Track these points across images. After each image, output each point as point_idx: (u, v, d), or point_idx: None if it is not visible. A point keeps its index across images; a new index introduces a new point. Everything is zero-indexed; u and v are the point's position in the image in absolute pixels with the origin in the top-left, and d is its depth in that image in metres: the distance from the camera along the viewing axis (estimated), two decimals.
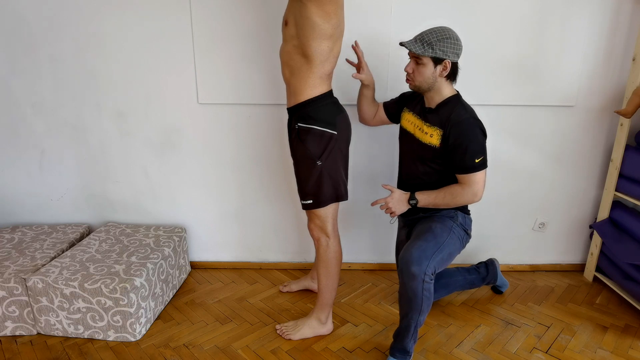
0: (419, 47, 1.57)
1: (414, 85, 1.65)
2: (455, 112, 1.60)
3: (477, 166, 1.58)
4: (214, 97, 2.14)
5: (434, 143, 1.64)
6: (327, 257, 1.77)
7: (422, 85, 1.63)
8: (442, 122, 1.62)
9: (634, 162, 2.01)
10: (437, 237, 1.60)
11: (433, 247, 1.57)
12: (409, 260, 1.51)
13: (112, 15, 2.04)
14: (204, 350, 1.77)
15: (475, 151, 1.57)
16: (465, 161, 1.57)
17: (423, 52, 1.56)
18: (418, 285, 1.50)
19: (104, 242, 2.13)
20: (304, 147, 1.65)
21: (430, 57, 1.57)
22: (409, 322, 1.58)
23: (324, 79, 1.64)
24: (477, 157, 1.57)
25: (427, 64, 1.58)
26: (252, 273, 2.39)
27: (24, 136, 2.25)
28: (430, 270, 1.51)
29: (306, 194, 1.71)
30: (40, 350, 1.77)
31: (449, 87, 1.65)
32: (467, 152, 1.56)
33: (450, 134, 1.59)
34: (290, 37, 1.60)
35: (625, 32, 2.03)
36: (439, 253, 1.57)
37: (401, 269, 1.54)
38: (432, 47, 1.55)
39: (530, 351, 1.77)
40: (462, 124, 1.57)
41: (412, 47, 1.58)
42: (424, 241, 1.57)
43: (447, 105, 1.64)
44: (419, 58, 1.58)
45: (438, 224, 1.66)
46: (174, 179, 2.30)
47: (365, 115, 1.94)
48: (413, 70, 1.62)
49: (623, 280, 2.05)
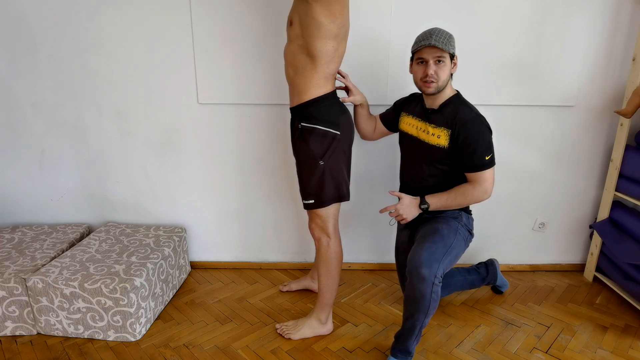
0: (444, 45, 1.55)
1: (436, 86, 1.60)
2: (460, 112, 1.60)
3: (486, 164, 1.58)
4: (214, 97, 2.14)
5: (441, 144, 1.63)
6: (328, 257, 1.77)
7: (443, 85, 1.61)
8: (449, 122, 1.61)
9: (634, 162, 2.01)
10: (445, 239, 1.60)
11: (442, 249, 1.56)
12: (419, 262, 1.50)
13: (112, 15, 2.04)
14: (204, 350, 1.77)
15: (484, 149, 1.58)
16: (475, 160, 1.58)
17: (448, 48, 1.56)
18: (427, 288, 1.49)
19: (104, 242, 2.13)
20: (307, 147, 1.65)
21: (449, 54, 1.58)
22: (414, 323, 1.57)
23: (328, 78, 1.64)
24: (487, 155, 1.58)
25: (447, 61, 1.58)
26: (252, 273, 2.39)
27: (24, 136, 2.25)
28: (439, 273, 1.51)
29: (308, 193, 1.71)
30: (40, 350, 1.77)
31: (450, 86, 1.67)
32: (476, 151, 1.57)
33: (459, 134, 1.59)
34: (295, 37, 1.59)
35: (625, 32, 2.03)
36: (447, 255, 1.57)
37: (410, 270, 1.53)
38: (448, 44, 1.56)
39: (530, 351, 1.77)
40: (469, 123, 1.58)
41: (441, 44, 1.54)
42: (432, 243, 1.57)
43: (451, 105, 1.64)
44: (442, 56, 1.57)
45: (444, 225, 1.65)
46: (174, 179, 2.30)
47: (365, 131, 1.92)
48: (435, 71, 1.58)
49: (623, 280, 2.05)
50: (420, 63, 1.62)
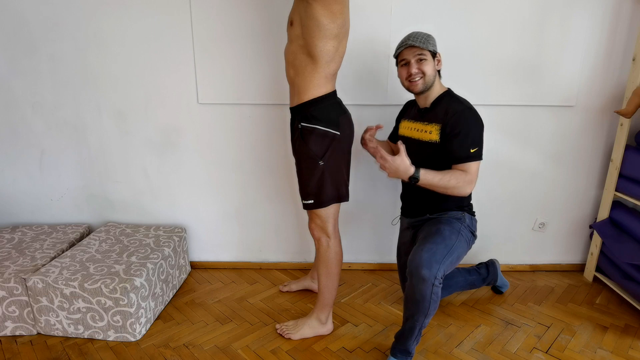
0: (422, 44, 1.62)
1: (423, 82, 1.65)
2: (451, 106, 1.64)
3: (471, 156, 1.59)
4: (214, 97, 2.14)
5: (433, 139, 1.66)
6: (328, 257, 1.77)
7: (430, 80, 1.66)
8: (440, 117, 1.65)
9: (634, 162, 2.01)
10: (447, 240, 1.60)
11: (443, 250, 1.56)
12: (419, 263, 1.50)
13: (112, 15, 2.04)
14: (204, 350, 1.77)
15: (471, 141, 1.59)
16: (461, 151, 1.59)
17: (427, 46, 1.62)
18: (427, 289, 1.49)
19: (104, 242, 2.13)
20: (307, 147, 1.65)
21: (429, 51, 1.63)
22: (414, 324, 1.57)
23: (329, 78, 1.64)
24: (472, 147, 1.59)
25: (429, 58, 1.64)
26: (252, 273, 2.39)
27: (24, 136, 2.25)
28: (440, 274, 1.51)
29: (307, 193, 1.71)
30: (40, 350, 1.77)
31: (440, 83, 1.71)
32: (463, 143, 1.58)
33: (447, 125, 1.62)
34: (296, 37, 1.60)
35: (625, 32, 2.03)
36: (448, 256, 1.57)
37: (410, 271, 1.52)
38: (427, 43, 1.63)
39: (530, 351, 1.77)
40: (458, 114, 1.61)
41: (419, 43, 1.61)
42: (433, 244, 1.57)
43: (442, 101, 1.68)
44: (422, 54, 1.63)
45: (446, 226, 1.66)
46: (174, 178, 2.30)
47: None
48: (418, 68, 1.64)
49: (623, 280, 2.05)
50: (404, 65, 1.68)
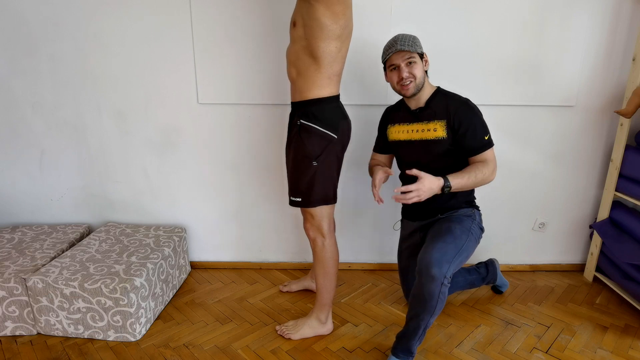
0: (410, 47, 1.64)
1: (415, 85, 1.67)
2: (449, 102, 1.68)
3: (486, 144, 1.65)
4: (214, 97, 2.14)
5: (440, 135, 1.68)
6: (324, 257, 1.77)
7: (421, 82, 1.68)
8: (441, 113, 1.67)
9: (634, 162, 2.01)
10: (457, 240, 1.60)
11: (453, 250, 1.56)
12: (430, 262, 1.50)
13: (112, 15, 2.04)
14: (204, 350, 1.77)
15: (482, 130, 1.65)
16: (476, 142, 1.64)
17: (415, 49, 1.64)
18: (436, 288, 1.49)
19: (104, 242, 2.13)
20: (303, 145, 1.65)
21: (417, 53, 1.65)
22: (419, 323, 1.57)
23: (332, 79, 1.64)
24: (485, 135, 1.65)
25: (417, 60, 1.66)
26: (252, 273, 2.39)
27: (24, 136, 2.25)
28: (449, 274, 1.51)
29: (297, 192, 1.71)
30: (40, 350, 1.77)
31: (429, 83, 1.74)
32: (476, 134, 1.63)
33: (454, 121, 1.64)
34: (298, 38, 1.60)
35: (625, 32, 2.03)
36: (458, 256, 1.57)
37: (420, 269, 1.52)
38: (415, 45, 1.65)
39: (530, 351, 1.77)
40: (461, 109, 1.65)
41: (407, 47, 1.63)
42: (444, 243, 1.57)
43: (436, 98, 1.71)
44: (412, 57, 1.65)
45: (457, 225, 1.66)
46: (174, 179, 2.30)
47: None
48: (409, 72, 1.66)
49: (623, 280, 2.05)
50: (393, 69, 1.69)
